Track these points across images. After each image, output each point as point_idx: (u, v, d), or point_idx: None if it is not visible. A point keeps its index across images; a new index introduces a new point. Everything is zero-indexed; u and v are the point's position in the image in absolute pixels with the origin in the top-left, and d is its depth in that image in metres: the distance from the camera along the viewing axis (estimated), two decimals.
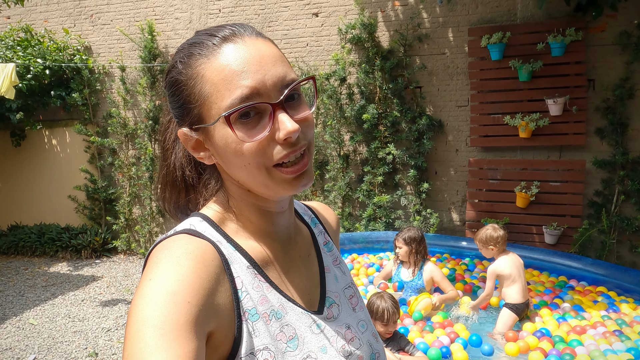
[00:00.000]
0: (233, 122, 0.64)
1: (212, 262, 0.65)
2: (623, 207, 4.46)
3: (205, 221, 0.72)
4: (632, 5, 4.21)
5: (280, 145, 0.65)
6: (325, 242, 0.87)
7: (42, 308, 4.58)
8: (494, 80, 4.77)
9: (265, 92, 0.64)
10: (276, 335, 0.67)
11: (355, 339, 0.77)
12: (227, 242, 0.71)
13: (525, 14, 4.68)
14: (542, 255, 4.14)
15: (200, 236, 0.68)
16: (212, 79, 0.65)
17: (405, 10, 5.06)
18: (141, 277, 0.63)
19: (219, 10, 5.77)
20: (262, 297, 0.69)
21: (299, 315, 0.72)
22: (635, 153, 4.39)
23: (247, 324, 0.65)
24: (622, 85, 4.35)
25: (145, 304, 0.58)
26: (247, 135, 0.64)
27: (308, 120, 0.68)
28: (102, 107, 6.36)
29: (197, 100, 0.67)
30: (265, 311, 0.68)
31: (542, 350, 2.74)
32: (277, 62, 0.66)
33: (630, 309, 3.25)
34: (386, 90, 5.08)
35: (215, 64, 0.65)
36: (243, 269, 0.69)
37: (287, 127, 0.63)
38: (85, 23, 6.34)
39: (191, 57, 0.67)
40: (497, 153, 4.88)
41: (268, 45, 0.68)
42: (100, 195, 6.31)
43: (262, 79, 0.64)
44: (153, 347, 0.54)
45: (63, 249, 6.27)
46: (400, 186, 5.19)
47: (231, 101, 0.63)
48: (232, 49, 0.65)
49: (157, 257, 0.64)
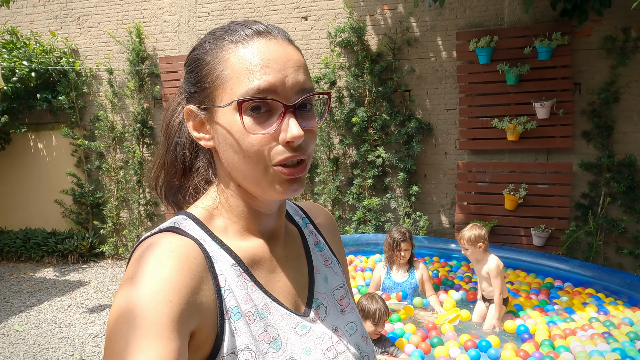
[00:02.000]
0: (244, 110, 0.65)
1: (195, 260, 0.64)
2: (609, 209, 4.52)
3: (190, 219, 0.72)
4: (616, 10, 4.28)
5: (283, 147, 0.65)
6: (316, 242, 0.86)
7: (27, 314, 4.51)
8: (482, 84, 4.81)
9: (282, 92, 0.65)
10: (259, 335, 0.67)
11: (342, 342, 0.75)
12: (212, 240, 0.70)
13: (513, 18, 4.73)
14: (530, 257, 4.18)
15: (184, 234, 0.67)
16: (235, 65, 0.66)
17: (394, 15, 5.09)
18: (125, 275, 0.62)
19: (207, 14, 5.75)
20: (246, 296, 0.68)
21: (283, 316, 0.71)
22: (620, 156, 4.45)
23: (229, 322, 0.65)
24: (607, 89, 4.42)
25: (126, 302, 0.57)
26: (253, 127, 0.65)
27: (313, 132, 0.69)
28: (90, 110, 6.29)
29: (214, 81, 0.68)
30: (249, 310, 0.67)
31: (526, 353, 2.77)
32: (301, 69, 0.68)
33: (619, 311, 3.28)
34: (375, 94, 5.10)
35: (242, 52, 0.66)
36: (227, 267, 0.68)
37: (294, 131, 0.64)
38: (72, 25, 6.28)
39: (221, 40, 0.68)
40: (486, 156, 4.92)
41: (296, 52, 0.69)
42: (87, 199, 6.24)
43: (283, 79, 0.65)
44: (134, 347, 0.53)
45: (49, 254, 6.19)
46: (390, 189, 5.21)
47: (247, 90, 0.64)
48: (262, 43, 0.66)
49: (140, 255, 0.63)
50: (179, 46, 5.89)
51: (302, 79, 0.67)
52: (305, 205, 0.92)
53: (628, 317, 3.17)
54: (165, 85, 5.84)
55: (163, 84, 5.85)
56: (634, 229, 4.41)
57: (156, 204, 6.17)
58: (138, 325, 0.55)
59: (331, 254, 0.87)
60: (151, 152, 6.11)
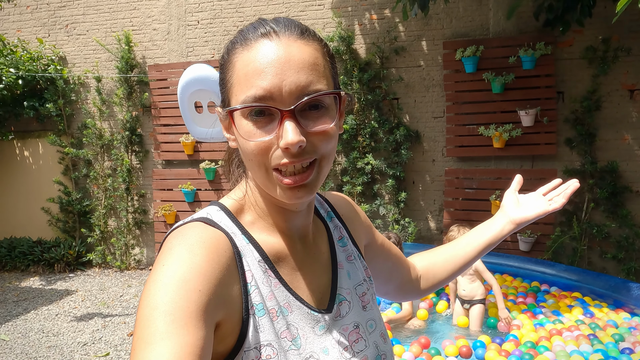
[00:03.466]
0: (245, 117, 0.65)
1: (224, 253, 0.66)
2: (593, 215, 4.62)
3: (223, 211, 0.73)
4: (597, 21, 4.42)
5: (282, 152, 0.64)
6: (340, 237, 0.86)
7: (13, 323, 4.44)
8: (468, 92, 4.90)
9: (279, 97, 0.63)
10: (281, 332, 0.68)
11: (361, 340, 0.76)
12: (242, 233, 0.71)
13: (497, 28, 4.85)
14: (517, 262, 4.25)
15: (216, 226, 0.69)
16: (239, 71, 0.66)
17: (382, 24, 5.18)
18: (156, 262, 0.64)
19: (197, 22, 5.78)
20: (270, 293, 0.69)
21: (304, 314, 0.72)
22: (603, 162, 4.56)
23: (253, 318, 0.66)
24: (589, 98, 4.54)
25: (157, 289, 0.59)
26: (253, 133, 0.65)
27: (325, 133, 0.66)
28: (77, 118, 6.26)
29: (226, 85, 0.69)
30: (273, 307, 0.69)
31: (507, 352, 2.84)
32: (304, 69, 0.64)
33: (604, 314, 3.36)
34: (364, 102, 5.17)
35: (245, 57, 0.66)
36: (254, 262, 0.70)
37: (288, 138, 0.62)
38: (60, 33, 6.26)
39: (235, 43, 0.69)
40: (473, 163, 5.00)
41: (303, 50, 0.66)
42: (75, 207, 6.18)
43: (279, 84, 0.63)
44: (163, 332, 0.55)
45: (35, 263, 6.10)
46: (379, 196, 5.26)
47: (244, 97, 0.64)
48: (264, 46, 0.65)
49: (172, 243, 0.65)
50: (168, 54, 5.90)
51: (303, 80, 0.64)
52: (330, 197, 0.91)
53: (612, 320, 3.25)
54: (155, 93, 5.84)
55: (152, 92, 5.85)
56: (617, 234, 4.52)
57: (144, 211, 6.14)
58: (167, 312, 0.56)
59: (354, 248, 0.87)
60: (140, 159, 6.09)
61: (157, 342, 0.54)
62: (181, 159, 5.84)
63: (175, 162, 5.92)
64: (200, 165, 5.67)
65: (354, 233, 0.90)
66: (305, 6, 5.41)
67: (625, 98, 4.53)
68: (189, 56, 5.81)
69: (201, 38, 5.79)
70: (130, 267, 6.12)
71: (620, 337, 2.97)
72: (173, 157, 5.87)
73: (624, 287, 3.46)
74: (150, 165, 6.08)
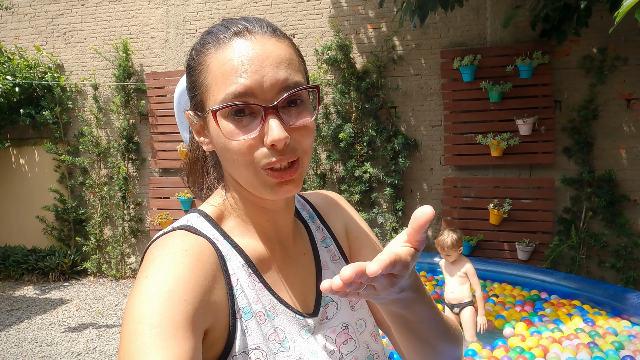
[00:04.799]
0: (225, 117, 0.64)
1: (208, 259, 0.65)
2: (591, 224, 4.62)
3: (203, 217, 0.72)
4: (593, 31, 4.45)
5: (268, 150, 0.63)
6: (323, 237, 0.84)
7: (6, 333, 4.38)
8: (466, 101, 4.92)
9: (260, 94, 0.62)
10: (269, 335, 0.67)
11: (351, 341, 0.75)
12: (224, 239, 0.70)
13: (495, 38, 4.88)
14: (516, 271, 4.24)
15: (198, 233, 0.68)
16: (214, 71, 0.65)
17: (380, 33, 5.20)
18: (139, 273, 0.62)
19: (195, 30, 5.79)
20: (256, 297, 0.69)
21: (290, 319, 0.71)
22: (600, 171, 4.57)
23: (240, 322, 0.65)
24: (586, 107, 4.56)
25: (141, 302, 0.57)
26: (235, 132, 0.63)
27: (307, 128, 0.66)
28: (74, 126, 6.24)
29: (200, 87, 0.67)
30: (259, 310, 0.68)
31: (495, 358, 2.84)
32: (282, 64, 0.64)
33: (604, 321, 3.35)
34: (362, 110, 5.17)
35: (220, 57, 0.64)
36: (239, 267, 0.69)
37: (274, 135, 0.61)
38: (58, 41, 6.26)
39: (204, 45, 0.68)
40: (471, 171, 5.00)
41: (278, 46, 0.66)
42: (70, 215, 6.14)
43: (260, 80, 0.62)
44: (150, 346, 0.53)
45: (29, 271, 6.03)
46: (377, 204, 5.24)
47: (224, 96, 0.63)
48: (239, 45, 0.64)
49: (154, 254, 0.63)
50: (166, 62, 5.90)
51: (282, 76, 0.63)
52: (311, 197, 0.89)
53: (612, 327, 3.23)
54: (152, 101, 5.83)
55: (149, 100, 5.84)
56: (615, 243, 4.51)
57: (141, 220, 6.10)
58: (153, 325, 0.55)
59: (337, 249, 0.85)
60: (136, 167, 6.06)
61: (144, 357, 0.53)
62: (178, 167, 5.81)
63: (172, 170, 5.89)
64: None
65: (334, 227, 0.87)
66: (303, 15, 5.43)
67: (622, 107, 4.55)
68: None
69: None
70: (125, 276, 6.06)
71: (620, 344, 2.95)
72: (170, 165, 5.85)
73: (623, 296, 3.45)
74: (147, 173, 6.05)
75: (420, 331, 0.66)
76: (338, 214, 0.88)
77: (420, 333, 0.67)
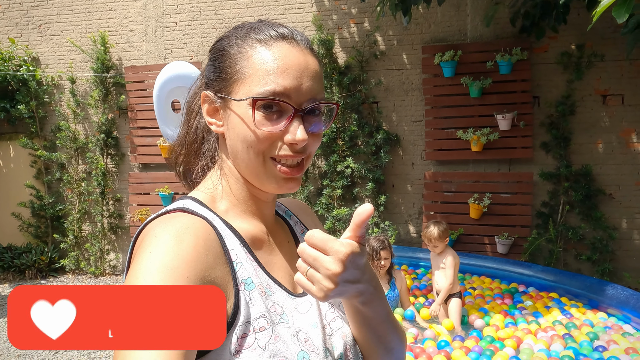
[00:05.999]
0: (254, 108, 0.69)
1: (209, 237, 0.67)
2: (568, 217, 4.70)
3: (196, 202, 0.75)
4: (571, 28, 4.52)
5: (287, 146, 0.70)
6: (302, 230, 0.90)
7: None
8: (446, 96, 4.96)
9: (295, 97, 0.69)
10: (270, 307, 0.70)
11: (337, 319, 0.78)
12: (220, 220, 0.73)
13: (475, 34, 4.92)
14: (495, 264, 4.30)
15: (195, 214, 0.71)
16: (256, 64, 0.70)
17: (361, 29, 5.20)
18: (138, 250, 0.63)
19: (175, 24, 5.71)
20: (255, 273, 0.72)
21: (284, 297, 0.74)
22: (577, 165, 4.66)
23: (244, 293, 0.68)
24: (564, 102, 4.63)
25: (145, 276, 0.58)
26: (264, 123, 0.69)
27: (317, 136, 0.74)
28: (50, 120, 6.10)
29: (234, 74, 0.72)
30: (260, 284, 0.71)
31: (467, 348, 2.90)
32: (316, 78, 0.72)
33: (581, 313, 3.42)
34: (344, 105, 5.17)
35: (265, 53, 0.70)
36: (236, 244, 0.72)
37: (298, 135, 0.69)
38: (34, 33, 6.11)
39: (247, 37, 0.73)
40: (451, 166, 5.05)
41: (314, 62, 0.73)
42: (47, 212, 6.01)
43: (298, 86, 0.70)
44: None
45: (5, 269, 5.90)
46: (359, 199, 5.26)
47: (263, 90, 0.69)
48: (284, 48, 0.71)
49: (156, 231, 0.65)
50: (145, 56, 5.81)
51: (316, 88, 0.72)
52: (283, 201, 0.96)
53: (589, 319, 3.30)
54: (131, 95, 5.74)
55: (129, 94, 5.75)
56: (591, 236, 4.61)
57: (120, 216, 6.01)
58: None
59: None
60: (115, 163, 5.96)
61: None
62: (158, 162, 5.74)
63: (152, 165, 5.82)
64: None
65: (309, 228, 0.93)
66: (285, 9, 5.40)
67: (599, 103, 4.64)
68: (167, 58, 5.73)
69: (179, 40, 5.72)
70: (105, 273, 5.97)
71: (595, 335, 3.02)
72: (150, 161, 5.77)
73: (599, 287, 3.52)
74: (126, 169, 5.96)
75: (376, 327, 0.74)
76: (310, 218, 0.96)
77: (376, 329, 0.75)
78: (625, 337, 2.95)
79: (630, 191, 4.58)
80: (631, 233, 4.59)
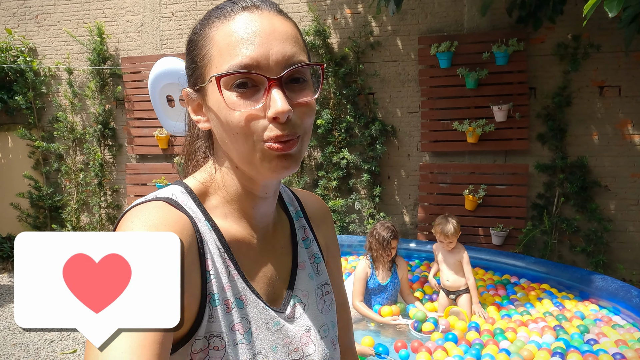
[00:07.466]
0: (228, 88, 0.63)
1: (188, 239, 0.63)
2: (563, 209, 4.70)
3: (187, 193, 0.70)
4: (568, 19, 4.48)
5: (271, 124, 0.62)
6: (305, 237, 0.83)
7: None
8: (443, 88, 4.93)
9: (265, 66, 0.62)
10: (233, 325, 0.66)
11: (310, 344, 0.74)
12: (205, 219, 0.69)
13: (472, 24, 4.88)
14: (488, 256, 4.30)
15: (180, 208, 0.67)
16: (219, 43, 0.64)
17: (357, 19, 5.17)
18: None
19: (172, 14, 5.69)
20: (228, 284, 0.67)
21: (259, 309, 0.70)
22: (573, 157, 4.64)
23: (208, 307, 0.64)
24: (560, 94, 4.61)
25: None
26: (238, 103, 0.62)
27: (309, 105, 0.65)
28: (48, 111, 6.12)
29: (202, 60, 0.66)
30: (228, 298, 0.67)
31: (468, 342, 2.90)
32: (288, 40, 0.64)
33: (572, 305, 3.42)
34: (340, 96, 5.16)
35: (226, 29, 0.64)
36: (215, 250, 0.68)
37: (277, 106, 0.60)
38: (30, 24, 6.11)
39: (209, 19, 0.67)
40: (447, 158, 5.04)
41: (284, 24, 0.66)
42: (46, 202, 6.05)
43: (266, 53, 0.62)
44: None
45: (4, 259, 5.96)
46: (355, 190, 5.26)
47: (229, 66, 0.62)
48: (246, 18, 0.64)
49: (133, 222, 0.61)
50: (142, 46, 5.80)
51: (289, 51, 0.63)
52: (302, 196, 0.88)
53: (580, 311, 3.31)
54: (128, 86, 5.74)
55: (125, 85, 5.75)
56: (586, 228, 4.61)
57: (118, 207, 6.04)
58: None
59: (319, 251, 0.85)
60: (113, 154, 5.98)
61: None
62: (155, 153, 5.75)
63: (150, 156, 5.83)
64: (174, 159, 5.59)
65: (322, 238, 0.87)
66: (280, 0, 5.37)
67: (595, 94, 4.61)
68: (164, 49, 5.72)
69: (176, 30, 5.70)
70: None
71: (585, 328, 3.03)
72: (147, 152, 5.78)
73: (589, 278, 3.53)
74: (123, 160, 5.98)
75: None
76: (326, 225, 0.88)
77: None
78: (615, 329, 2.96)
79: (626, 183, 4.57)
80: (626, 225, 4.59)
